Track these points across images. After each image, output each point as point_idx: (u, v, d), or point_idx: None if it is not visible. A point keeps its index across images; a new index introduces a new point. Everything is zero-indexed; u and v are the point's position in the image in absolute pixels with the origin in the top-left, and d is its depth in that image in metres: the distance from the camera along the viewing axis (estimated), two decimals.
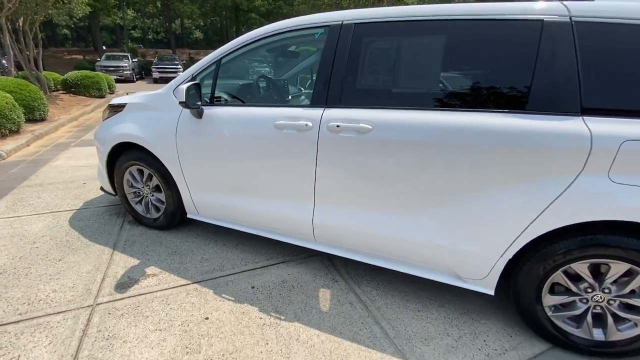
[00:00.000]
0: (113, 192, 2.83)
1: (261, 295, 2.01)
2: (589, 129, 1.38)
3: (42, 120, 6.36)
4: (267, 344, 1.66)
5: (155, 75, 18.43)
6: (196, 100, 2.04)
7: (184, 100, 1.92)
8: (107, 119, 2.72)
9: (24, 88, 5.84)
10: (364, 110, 1.74)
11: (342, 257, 2.07)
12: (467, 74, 1.67)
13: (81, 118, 7.78)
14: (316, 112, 1.83)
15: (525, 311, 1.71)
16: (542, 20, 1.48)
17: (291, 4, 21.83)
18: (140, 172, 2.60)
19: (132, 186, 2.69)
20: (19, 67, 9.30)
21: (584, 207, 1.41)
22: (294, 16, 2.18)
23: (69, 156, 4.69)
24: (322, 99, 1.84)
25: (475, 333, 1.77)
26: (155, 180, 2.54)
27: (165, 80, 17.97)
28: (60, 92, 9.94)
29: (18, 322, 1.74)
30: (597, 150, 1.37)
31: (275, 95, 2.61)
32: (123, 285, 2.06)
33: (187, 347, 1.62)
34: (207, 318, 1.82)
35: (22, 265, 2.21)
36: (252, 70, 2.52)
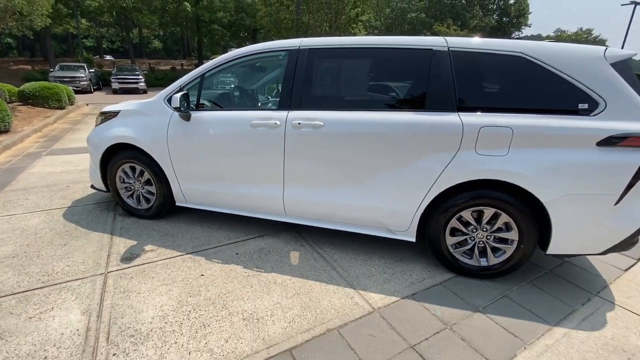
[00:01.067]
0: (105, 189, 3.21)
1: (244, 258, 2.55)
2: (461, 120, 2.12)
3: (7, 131, 6.34)
4: (252, 286, 2.21)
5: (115, 86, 17.94)
6: (186, 106, 2.56)
7: (178, 106, 2.45)
8: (100, 124, 3.13)
9: None
10: (317, 111, 2.38)
11: (308, 230, 2.67)
12: (386, 85, 2.39)
13: (45, 129, 7.73)
14: (283, 114, 2.44)
15: (436, 250, 2.41)
16: (432, 49, 2.22)
17: (253, 15, 22.41)
18: (133, 169, 3.03)
19: (124, 182, 3.10)
20: None
21: (462, 172, 2.15)
22: (257, 28, 2.78)
23: (44, 164, 4.86)
24: (286, 103, 2.46)
25: (404, 271, 2.44)
26: (146, 175, 2.99)
27: (126, 91, 17.59)
28: (17, 103, 9.65)
29: (43, 287, 2.13)
30: (466, 134, 2.11)
31: (249, 102, 3.18)
32: (127, 258, 2.49)
33: (189, 293, 2.12)
34: (202, 275, 2.32)
35: (32, 250, 2.56)
36: (231, 82, 3.06)
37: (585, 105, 2.01)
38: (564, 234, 2.11)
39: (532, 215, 2.13)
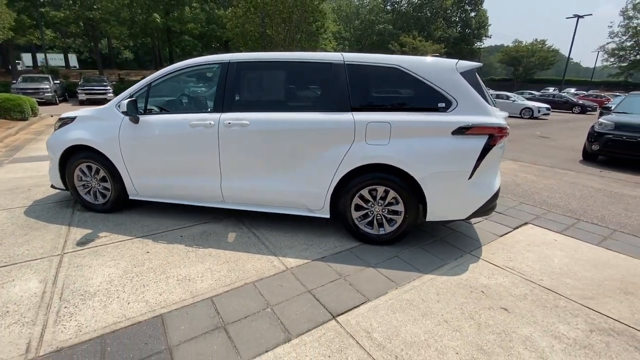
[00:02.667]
0: (64, 187, 3.56)
1: (187, 239, 2.99)
2: (354, 118, 2.70)
3: None
4: (189, 258, 2.66)
5: (82, 97, 17.76)
6: (134, 111, 3.00)
7: (125, 110, 2.89)
8: (58, 129, 3.49)
9: None
10: (244, 113, 2.89)
11: (248, 216, 3.14)
12: (299, 91, 2.95)
13: (6, 140, 7.78)
14: (216, 115, 2.94)
15: (345, 224, 2.96)
16: (331, 62, 2.81)
17: (224, 26, 22.90)
18: (89, 168, 3.41)
19: (81, 180, 3.47)
20: None
21: (357, 158, 2.72)
22: (226, 39, 3.27)
23: (6, 171, 5.07)
24: (219, 107, 2.96)
25: (321, 242, 2.97)
26: (102, 173, 3.38)
27: (93, 102, 17.41)
28: None
29: (5, 266, 2.49)
30: (358, 129, 2.69)
31: (190, 106, 3.64)
32: (82, 242, 2.88)
33: (134, 264, 2.54)
34: (147, 252, 2.75)
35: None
36: (175, 89, 3.53)
37: (443, 104, 2.65)
38: (435, 204, 2.72)
39: (412, 191, 2.72)
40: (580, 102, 23.92)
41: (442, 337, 1.89)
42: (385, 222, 2.90)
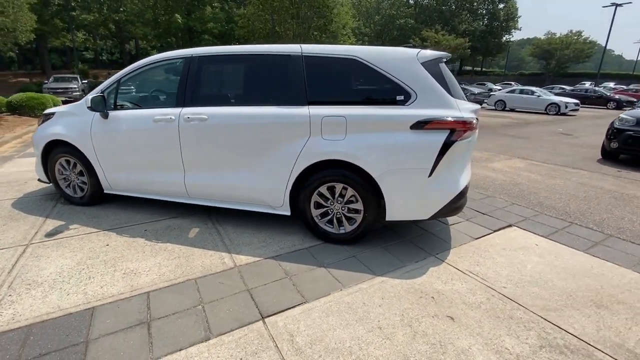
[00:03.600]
0: (47, 180, 3.71)
1: (150, 233, 3.01)
2: (309, 112, 2.60)
3: None
4: (144, 252, 2.68)
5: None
6: (100, 106, 3.06)
7: (90, 106, 2.95)
8: (41, 124, 3.64)
9: None
10: (204, 107, 2.86)
11: (217, 212, 3.11)
12: (257, 85, 2.87)
13: (25, 136, 8.29)
14: (177, 110, 2.93)
15: (305, 222, 2.87)
16: (289, 55, 2.71)
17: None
18: (68, 162, 3.52)
19: (62, 174, 3.60)
20: None
21: (313, 154, 2.62)
22: (243, 37, 3.22)
23: (12, 165, 5.38)
24: (181, 101, 2.95)
25: (281, 240, 2.90)
26: (79, 167, 3.48)
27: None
28: (6, 114, 10.28)
29: None
30: (313, 123, 2.58)
31: (155, 101, 3.65)
32: (51, 234, 2.97)
33: (89, 257, 2.59)
34: (107, 245, 2.79)
35: None
36: (147, 84, 3.56)
37: (402, 97, 2.49)
38: (394, 202, 2.57)
39: (370, 188, 2.59)
40: (617, 97, 22.21)
41: (369, 345, 1.77)
42: (345, 220, 2.78)
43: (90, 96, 3.05)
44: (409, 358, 1.69)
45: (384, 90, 2.53)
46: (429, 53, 2.54)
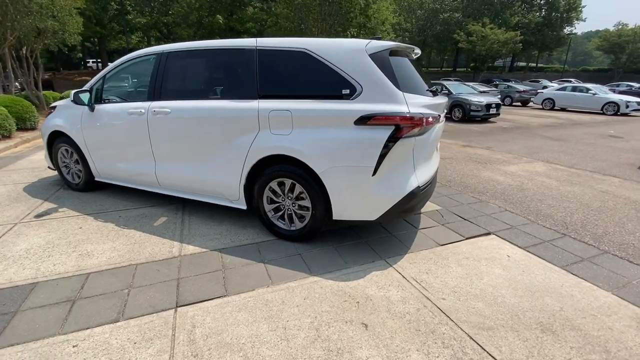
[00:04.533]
0: (53, 167, 4.11)
1: (122, 220, 3.21)
2: (258, 106, 2.58)
3: (33, 129, 7.83)
4: (107, 236, 2.86)
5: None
6: (83, 100, 3.31)
7: (72, 100, 3.21)
8: (48, 115, 4.03)
9: (17, 103, 7.34)
10: (168, 101, 2.97)
11: (191, 204, 3.24)
12: (216, 78, 2.92)
13: None
14: (147, 104, 3.08)
15: (260, 217, 2.86)
16: (244, 48, 2.71)
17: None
18: (67, 151, 3.88)
19: (63, 162, 3.96)
20: (23, 89, 10.95)
21: (263, 149, 2.60)
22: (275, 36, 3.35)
23: (42, 153, 6.04)
24: (151, 96, 3.09)
25: (237, 234, 2.92)
26: (75, 156, 3.81)
27: None
28: None
29: None
30: (261, 117, 2.56)
31: (131, 95, 3.85)
32: (40, 215, 3.29)
33: (59, 237, 2.83)
34: (80, 227, 3.03)
35: None
36: (124, 79, 3.77)
37: (347, 91, 2.36)
38: (339, 201, 2.46)
39: (316, 185, 2.50)
40: None
41: (264, 344, 1.72)
42: (296, 217, 2.72)
43: (73, 91, 3.31)
44: None
45: (331, 84, 2.42)
46: (379, 44, 2.38)
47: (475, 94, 12.91)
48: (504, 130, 10.20)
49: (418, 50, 2.99)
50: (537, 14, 39.61)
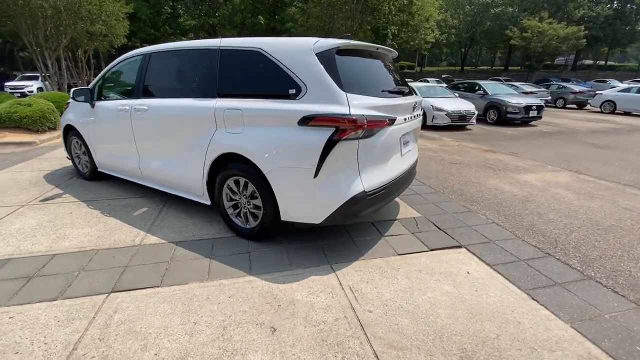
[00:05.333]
0: (70, 158, 4.58)
1: (109, 208, 3.48)
2: (215, 105, 2.64)
3: None
4: (89, 222, 3.12)
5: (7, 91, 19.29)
6: (82, 97, 3.64)
7: (72, 96, 3.54)
8: (64, 110, 4.50)
9: (65, 99, 8.27)
10: (147, 99, 3.16)
11: (175, 196, 3.45)
12: (184, 78, 3.03)
13: None
14: (131, 102, 3.30)
15: (221, 213, 2.94)
16: (209, 48, 2.79)
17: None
18: (77, 143, 4.29)
19: (75, 152, 4.40)
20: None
21: (219, 147, 2.66)
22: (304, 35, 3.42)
23: None
24: (135, 94, 3.31)
25: (202, 228, 3.03)
26: (82, 148, 4.21)
27: None
28: None
29: None
30: (217, 116, 2.62)
31: (123, 93, 4.07)
32: (45, 199, 3.69)
33: (49, 220, 3.15)
34: (71, 213, 3.34)
35: (3, 189, 3.98)
36: (120, 78, 4.02)
37: (294, 91, 2.33)
38: (284, 202, 2.44)
39: (265, 185, 2.50)
40: None
41: (168, 336, 1.77)
42: (250, 216, 2.75)
43: (73, 89, 3.66)
44: (188, 356, 1.64)
45: (280, 84, 2.40)
46: (326, 43, 2.30)
47: (515, 95, 11.89)
48: (542, 135, 9.29)
49: (386, 50, 2.86)
50: (608, 6, 35.27)
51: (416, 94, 11.00)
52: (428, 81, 23.16)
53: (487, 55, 53.77)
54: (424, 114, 10.25)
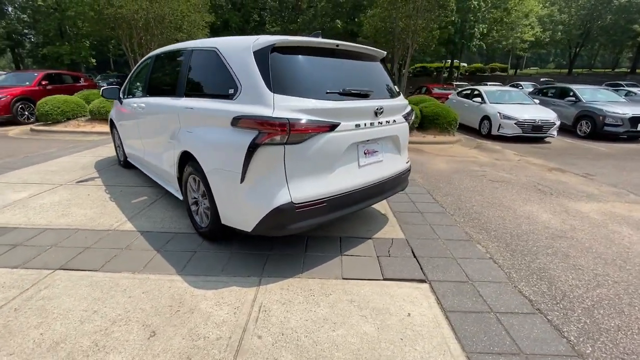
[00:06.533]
0: (115, 148, 5.31)
1: (118, 194, 3.90)
2: (177, 104, 2.72)
3: None
4: (94, 204, 3.55)
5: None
6: (112, 95, 4.15)
7: (102, 94, 4.08)
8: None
9: None
10: (146, 97, 3.44)
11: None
12: (166, 79, 3.18)
13: None
14: (139, 100, 3.64)
15: (188, 211, 3.01)
16: (185, 49, 2.89)
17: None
18: (116, 135, 4.94)
19: (116, 143, 5.08)
20: None
21: (180, 145, 2.74)
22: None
23: None
24: (142, 93, 3.64)
25: (176, 221, 3.17)
26: (118, 140, 4.83)
27: None
28: None
29: (40, 184, 4.21)
30: (179, 114, 2.70)
31: (139, 92, 4.45)
32: (80, 181, 4.34)
33: (67, 199, 3.68)
34: (88, 194, 3.86)
35: (61, 170, 4.81)
36: (142, 77, 4.42)
37: (232, 91, 2.24)
38: (222, 205, 2.37)
39: (208, 185, 2.47)
40: None
41: (64, 319, 1.86)
42: (204, 215, 2.75)
43: (102, 88, 4.20)
44: (62, 342, 1.70)
45: (224, 83, 2.32)
46: (263, 40, 2.13)
47: (619, 103, 9.53)
48: None
49: (357, 48, 2.55)
50: None
51: (483, 99, 9.53)
52: (521, 86, 20.31)
53: (608, 56, 44.60)
54: (489, 122, 9.02)
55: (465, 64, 43.64)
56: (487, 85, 20.17)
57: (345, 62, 2.50)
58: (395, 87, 2.92)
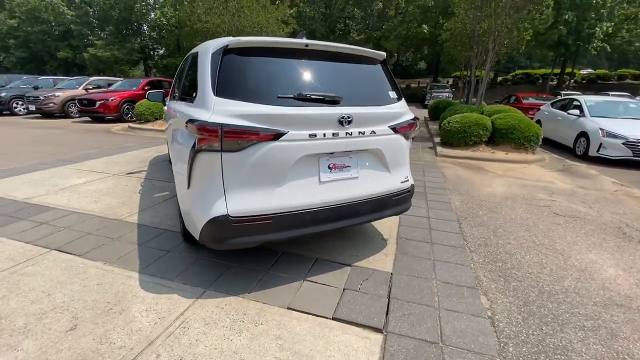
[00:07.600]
0: None
1: (150, 187, 4.30)
2: (175, 107, 2.81)
3: None
4: (123, 194, 3.97)
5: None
6: (157, 98, 4.60)
7: (147, 98, 4.56)
8: None
9: None
10: (173, 101, 3.70)
11: None
12: (187, 82, 3.31)
13: None
14: (171, 102, 3.94)
15: (178, 210, 3.10)
16: (193, 53, 2.98)
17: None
18: None
19: None
20: None
21: (171, 147, 2.83)
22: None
23: None
24: (176, 95, 3.94)
25: (177, 220, 3.30)
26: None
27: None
28: None
29: (100, 172, 4.94)
30: (176, 117, 2.79)
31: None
32: (129, 173, 4.93)
33: (108, 188, 4.21)
34: (126, 185, 4.34)
35: (122, 161, 5.57)
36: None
37: (194, 94, 2.19)
38: (181, 209, 2.34)
39: None
40: None
41: (23, 294, 2.06)
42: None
43: (148, 92, 4.69)
44: (2, 319, 1.86)
45: (192, 86, 2.31)
46: (219, 42, 2.01)
47: None
48: None
49: (333, 47, 2.24)
50: None
51: (581, 112, 7.78)
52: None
53: None
54: (587, 140, 7.26)
55: (590, 70, 36.63)
56: (608, 95, 16.49)
57: (322, 65, 2.23)
58: (393, 92, 2.49)
